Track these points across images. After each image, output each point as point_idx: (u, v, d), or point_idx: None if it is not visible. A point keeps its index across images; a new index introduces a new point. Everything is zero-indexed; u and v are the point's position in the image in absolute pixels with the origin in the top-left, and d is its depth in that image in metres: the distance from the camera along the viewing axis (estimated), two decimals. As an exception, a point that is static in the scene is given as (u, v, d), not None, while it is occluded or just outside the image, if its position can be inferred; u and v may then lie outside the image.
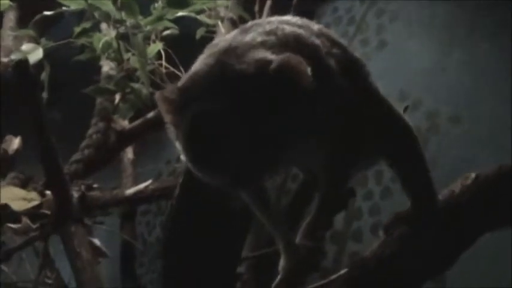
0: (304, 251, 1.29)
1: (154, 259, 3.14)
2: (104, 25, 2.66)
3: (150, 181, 2.59)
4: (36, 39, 2.51)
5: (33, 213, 2.38)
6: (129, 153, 3.08)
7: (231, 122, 1.09)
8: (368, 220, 2.52)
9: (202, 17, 2.45)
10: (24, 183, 2.57)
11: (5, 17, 3.12)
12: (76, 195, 2.43)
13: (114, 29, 2.43)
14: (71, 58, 2.54)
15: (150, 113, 2.66)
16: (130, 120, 2.77)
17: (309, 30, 1.25)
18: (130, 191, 2.60)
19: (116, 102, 2.64)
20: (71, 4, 2.39)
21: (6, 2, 2.66)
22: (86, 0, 2.33)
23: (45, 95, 2.45)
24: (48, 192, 2.44)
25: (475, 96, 2.47)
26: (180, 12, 2.40)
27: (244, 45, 1.17)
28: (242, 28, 1.25)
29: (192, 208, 1.57)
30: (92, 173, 2.70)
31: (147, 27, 2.42)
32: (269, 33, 1.20)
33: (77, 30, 2.45)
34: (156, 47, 2.46)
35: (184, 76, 1.19)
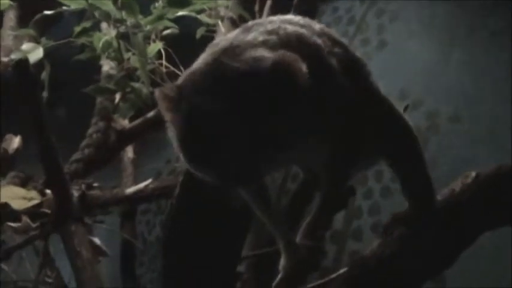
0: (304, 250, 1.30)
1: (154, 258, 3.14)
2: (104, 24, 2.66)
3: (150, 180, 2.59)
4: (37, 39, 2.51)
5: (33, 212, 2.39)
6: (129, 152, 3.08)
7: (227, 120, 1.09)
8: (368, 219, 2.52)
9: (203, 17, 2.45)
10: (24, 182, 2.57)
11: (5, 17, 3.12)
12: (76, 194, 2.44)
13: (114, 28, 2.43)
14: (71, 57, 2.54)
15: (150, 113, 2.66)
16: (130, 120, 2.77)
17: (310, 29, 1.25)
18: (130, 190, 2.61)
19: (116, 101, 2.63)
20: (71, 3, 2.38)
21: (7, 1, 2.66)
22: (86, -1, 2.33)
23: (45, 95, 2.45)
24: (48, 191, 2.44)
25: (475, 96, 2.47)
26: (181, 12, 2.40)
27: (245, 44, 1.17)
28: (244, 27, 1.25)
29: (192, 207, 1.57)
30: (92, 172, 2.71)
31: (148, 27, 2.42)
32: (271, 32, 1.20)
33: (77, 29, 2.45)
34: (156, 46, 2.46)
35: (184, 74, 1.20)
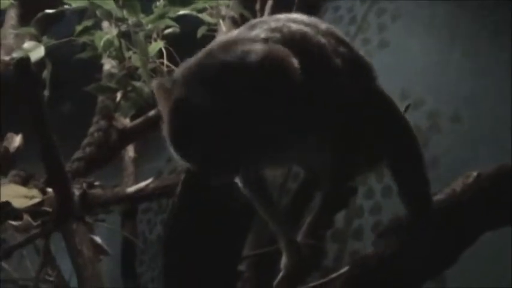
0: (306, 249, 1.30)
1: (155, 257, 3.14)
2: (106, 23, 2.66)
3: (151, 179, 2.59)
4: (38, 37, 2.51)
5: (34, 211, 2.38)
6: (130, 151, 3.08)
7: (212, 111, 1.10)
8: (369, 219, 2.52)
9: (204, 16, 2.46)
10: (26, 180, 2.57)
11: (7, 15, 3.12)
12: (77, 193, 2.43)
13: (115, 27, 2.43)
14: (73, 56, 2.54)
15: (152, 111, 2.66)
16: (131, 119, 2.77)
17: (315, 28, 1.24)
18: (131, 189, 2.61)
19: (118, 100, 2.63)
20: (73, 2, 2.39)
21: (7, 1, 2.66)
22: (88, -2, 2.34)
23: (46, 93, 2.45)
24: (49, 189, 2.44)
25: (476, 96, 2.47)
26: (182, 11, 2.40)
27: (244, 39, 1.18)
28: (249, 24, 1.26)
29: (193, 206, 1.57)
30: (93, 171, 2.71)
31: (149, 26, 2.43)
32: (274, 30, 1.20)
33: (79, 28, 2.45)
34: (157, 45, 2.47)
35: (180, 66, 1.22)
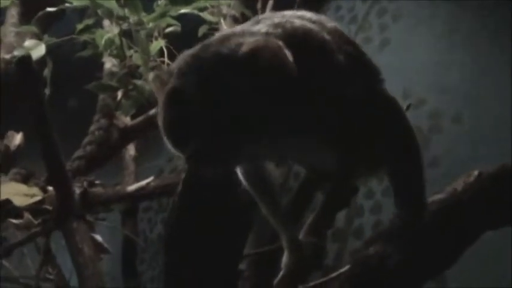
0: (307, 247, 1.30)
1: (155, 256, 3.15)
2: (107, 22, 2.66)
3: (151, 178, 2.60)
4: (39, 36, 2.50)
5: (35, 209, 2.39)
6: (131, 150, 3.08)
7: (201, 100, 1.12)
8: (369, 218, 2.53)
9: (205, 15, 2.46)
10: (26, 179, 2.57)
11: (8, 13, 3.12)
12: (78, 191, 2.44)
13: (116, 25, 2.42)
14: (74, 54, 2.54)
15: (152, 110, 2.66)
16: (132, 117, 2.77)
17: (321, 26, 1.24)
18: (132, 188, 2.61)
19: (118, 99, 2.63)
20: (74, 1, 2.39)
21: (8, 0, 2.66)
22: (89, -3, 2.34)
23: (47, 91, 2.45)
24: (50, 188, 2.44)
25: (476, 95, 2.48)
26: (183, 10, 2.40)
27: (244, 33, 1.18)
28: (254, 20, 1.26)
29: (194, 205, 1.57)
30: (94, 169, 2.71)
31: (150, 24, 2.42)
32: (277, 25, 1.20)
33: (80, 26, 2.45)
34: (158, 44, 2.46)
35: (178, 57, 1.23)
